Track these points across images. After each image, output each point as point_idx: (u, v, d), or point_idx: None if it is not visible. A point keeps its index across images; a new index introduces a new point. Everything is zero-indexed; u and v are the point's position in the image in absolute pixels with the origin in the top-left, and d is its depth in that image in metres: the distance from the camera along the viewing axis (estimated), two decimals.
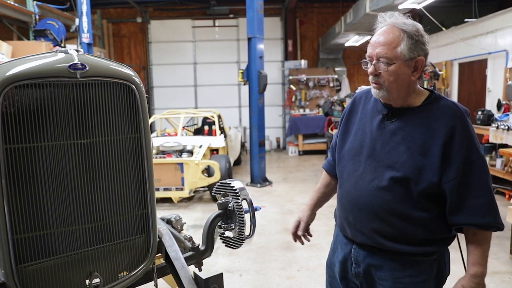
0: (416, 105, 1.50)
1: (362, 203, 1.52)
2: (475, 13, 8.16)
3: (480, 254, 1.45)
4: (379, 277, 1.54)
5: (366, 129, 1.58)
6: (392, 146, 1.48)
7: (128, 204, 1.51)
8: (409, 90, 1.48)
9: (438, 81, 8.48)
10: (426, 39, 1.46)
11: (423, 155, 1.43)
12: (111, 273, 1.50)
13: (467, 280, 1.46)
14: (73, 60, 1.33)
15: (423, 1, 5.84)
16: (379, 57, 1.43)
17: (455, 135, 1.42)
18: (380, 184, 1.47)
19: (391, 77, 1.43)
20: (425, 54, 1.46)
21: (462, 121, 1.46)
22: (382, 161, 1.49)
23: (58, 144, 1.34)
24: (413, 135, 1.46)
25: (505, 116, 6.19)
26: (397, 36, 1.41)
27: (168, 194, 5.97)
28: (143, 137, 1.51)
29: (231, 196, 1.81)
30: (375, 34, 1.48)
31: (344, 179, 1.62)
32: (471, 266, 1.46)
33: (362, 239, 1.55)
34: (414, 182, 1.43)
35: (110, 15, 11.95)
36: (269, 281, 3.63)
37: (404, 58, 1.41)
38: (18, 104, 1.26)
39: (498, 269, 3.78)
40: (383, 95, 1.49)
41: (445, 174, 1.42)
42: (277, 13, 11.98)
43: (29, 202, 1.32)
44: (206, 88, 12.13)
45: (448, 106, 1.49)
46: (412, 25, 1.43)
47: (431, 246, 1.50)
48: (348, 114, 1.70)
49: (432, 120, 1.45)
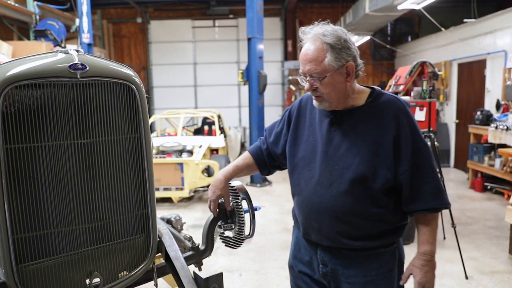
0: (359, 104, 1.55)
1: (324, 208, 1.54)
2: (474, 13, 8.17)
3: (430, 233, 1.52)
4: (348, 275, 1.58)
5: (316, 134, 1.60)
6: (345, 148, 1.51)
7: (128, 204, 1.52)
8: (348, 94, 1.53)
9: (437, 82, 8.49)
10: (349, 42, 1.48)
11: (375, 153, 1.48)
12: (111, 272, 1.50)
13: (418, 258, 1.51)
14: (73, 60, 1.33)
15: (423, 2, 5.84)
16: (310, 73, 1.47)
17: (401, 128, 1.48)
18: (340, 188, 1.50)
19: (328, 89, 1.48)
20: (353, 57, 1.49)
21: (406, 113, 1.52)
22: (337, 164, 1.52)
23: (58, 144, 1.34)
24: (363, 135, 1.50)
25: (504, 116, 6.20)
26: (321, 50, 1.44)
27: (168, 194, 5.98)
28: (143, 137, 1.51)
29: (231, 196, 1.82)
30: (301, 50, 1.51)
31: (302, 187, 1.62)
32: (421, 245, 1.53)
33: (328, 243, 1.59)
34: (372, 180, 1.47)
35: (110, 16, 11.95)
36: (269, 281, 3.63)
37: (333, 68, 1.45)
38: (18, 104, 1.27)
39: (497, 268, 3.79)
40: (325, 105, 1.53)
41: (398, 167, 1.48)
42: (277, 13, 11.98)
43: (29, 202, 1.32)
44: (206, 88, 12.13)
45: (391, 101, 1.54)
46: (332, 34, 1.45)
47: (391, 236, 1.57)
48: (296, 120, 1.71)
49: (378, 117, 1.51)
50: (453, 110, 8.57)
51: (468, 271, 3.65)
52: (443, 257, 4.05)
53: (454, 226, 3.83)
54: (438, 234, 4.54)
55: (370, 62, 12.20)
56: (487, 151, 6.47)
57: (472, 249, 4.23)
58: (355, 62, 1.49)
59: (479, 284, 3.50)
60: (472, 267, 3.80)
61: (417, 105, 4.81)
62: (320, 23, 1.51)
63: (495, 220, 5.16)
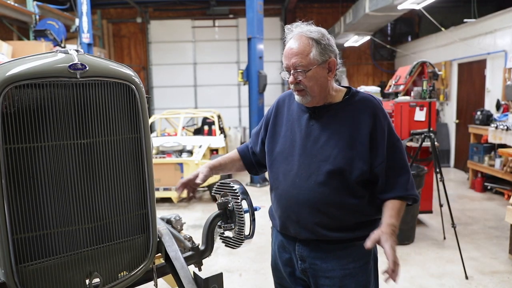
0: (336, 101, 1.63)
1: (302, 200, 1.60)
2: (474, 13, 8.17)
3: (396, 213, 1.56)
4: (325, 269, 1.62)
5: (295, 128, 1.67)
6: (323, 141, 1.59)
7: (128, 204, 1.52)
8: (328, 89, 1.61)
9: (437, 82, 8.49)
10: (332, 41, 1.58)
11: (352, 146, 1.55)
12: (111, 273, 1.50)
13: (386, 227, 1.52)
14: (73, 60, 1.33)
15: (423, 2, 5.84)
16: (295, 66, 1.54)
17: (377, 123, 1.57)
18: (318, 179, 1.57)
19: (311, 82, 1.55)
20: (335, 55, 1.58)
21: (380, 109, 1.61)
22: (315, 156, 1.59)
23: (58, 144, 1.34)
24: (340, 129, 1.58)
25: (504, 116, 6.20)
26: (307, 44, 1.53)
27: (168, 194, 5.98)
28: (143, 137, 1.51)
29: (231, 196, 1.81)
30: (286, 45, 1.59)
31: (281, 180, 1.68)
32: (389, 218, 1.54)
33: (306, 235, 1.62)
34: (348, 172, 1.54)
35: (110, 15, 11.95)
36: (269, 281, 3.63)
37: (317, 62, 1.53)
38: (18, 104, 1.27)
39: (497, 268, 3.79)
40: (307, 100, 1.59)
41: (374, 160, 1.56)
42: (277, 13, 11.99)
43: (29, 202, 1.32)
44: (206, 88, 12.13)
45: (366, 98, 1.63)
46: (317, 32, 1.55)
47: (366, 228, 1.60)
48: (274, 118, 1.78)
49: (355, 113, 1.59)
50: (453, 110, 8.57)
51: (468, 271, 3.65)
52: (443, 257, 4.05)
53: (454, 226, 3.83)
54: (439, 234, 4.57)
55: (370, 62, 12.21)
56: (487, 151, 6.47)
57: (472, 249, 4.23)
58: (336, 60, 1.59)
59: (479, 284, 3.50)
60: (472, 267, 3.80)
61: (417, 105, 4.82)
62: (304, 23, 1.60)
63: (495, 220, 5.16)
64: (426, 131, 4.24)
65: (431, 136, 4.17)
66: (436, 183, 4.18)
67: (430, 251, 4.23)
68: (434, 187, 4.64)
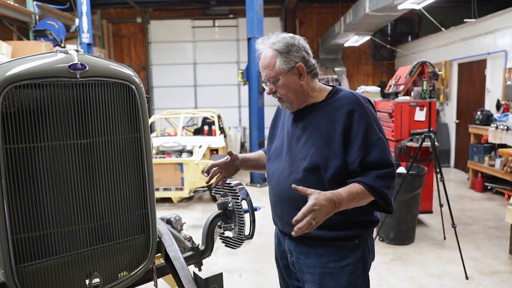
0: (319, 100, 1.68)
1: (283, 196, 1.66)
2: (474, 13, 8.16)
3: (348, 192, 1.47)
4: (308, 264, 1.66)
5: (285, 129, 1.76)
6: (304, 140, 1.64)
7: (127, 204, 1.52)
8: (305, 92, 1.65)
9: (437, 82, 8.49)
10: (299, 46, 1.62)
11: (328, 145, 1.58)
12: (111, 273, 1.50)
13: (328, 192, 1.44)
14: (73, 60, 1.33)
15: (423, 1, 5.84)
16: (268, 78, 1.65)
17: (353, 120, 1.56)
18: (296, 177, 1.62)
19: (283, 90, 1.63)
20: (302, 58, 1.62)
21: (360, 106, 1.59)
22: (297, 155, 1.64)
23: (58, 144, 1.34)
24: (318, 128, 1.62)
25: (504, 116, 6.19)
26: (272, 56, 1.62)
27: (167, 194, 5.97)
28: (143, 137, 1.51)
29: (231, 196, 1.82)
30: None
31: (270, 177, 1.77)
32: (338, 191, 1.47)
33: (290, 230, 1.59)
34: (324, 170, 1.57)
35: (110, 15, 11.94)
36: (269, 281, 3.63)
37: (284, 71, 1.60)
38: (18, 104, 1.27)
39: (497, 269, 3.79)
40: (287, 105, 1.68)
41: (348, 157, 1.55)
42: (277, 13, 11.98)
43: (29, 202, 1.32)
44: (205, 88, 12.13)
45: (346, 95, 1.64)
46: (280, 42, 1.61)
47: (351, 229, 1.62)
48: (274, 120, 1.89)
49: (333, 111, 1.61)
50: (453, 110, 8.57)
51: (469, 271, 3.65)
52: (444, 257, 4.05)
53: (454, 226, 3.83)
54: (439, 234, 4.57)
55: (370, 62, 12.20)
56: (487, 151, 6.47)
57: (473, 249, 4.23)
58: (306, 63, 1.63)
59: (479, 285, 3.50)
60: (472, 267, 3.80)
61: (417, 105, 4.82)
62: (274, 34, 1.67)
63: (496, 220, 5.16)
64: (426, 131, 4.24)
65: (431, 136, 4.17)
66: (436, 183, 4.18)
67: (430, 251, 4.23)
68: (434, 187, 4.63)
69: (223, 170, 1.81)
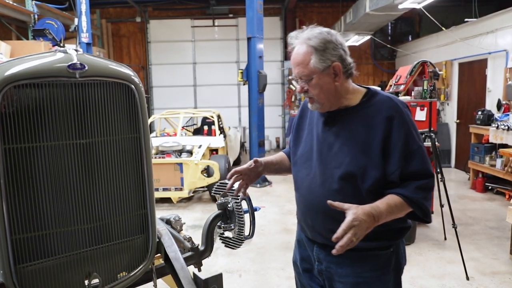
0: (353, 104, 1.56)
1: (316, 206, 1.57)
2: (475, 13, 8.16)
3: (386, 204, 1.42)
4: (340, 274, 1.58)
5: (313, 133, 1.64)
6: (337, 148, 1.54)
7: (127, 204, 1.51)
8: (338, 94, 1.55)
9: (438, 81, 8.48)
10: (335, 43, 1.51)
11: (365, 153, 1.48)
12: (110, 273, 1.50)
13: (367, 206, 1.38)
14: (72, 60, 1.32)
15: (423, 1, 5.83)
16: (299, 76, 1.53)
17: (393, 128, 1.47)
18: (331, 186, 1.53)
19: (316, 90, 1.52)
20: (339, 57, 1.51)
21: (399, 113, 1.50)
22: (330, 163, 1.54)
23: (57, 144, 1.33)
24: (354, 134, 1.51)
25: (505, 116, 6.19)
26: (306, 53, 1.49)
27: (167, 194, 5.97)
28: (142, 137, 1.51)
29: (231, 196, 1.81)
30: (291, 55, 1.56)
31: (299, 184, 1.67)
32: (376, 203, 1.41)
33: (322, 240, 1.59)
34: (361, 181, 1.48)
35: (109, 15, 11.93)
36: (269, 281, 3.62)
37: (319, 70, 1.49)
38: (17, 104, 1.26)
39: (498, 269, 3.78)
40: (317, 106, 1.57)
41: (387, 167, 1.47)
42: (277, 12, 11.97)
43: (28, 202, 1.31)
44: (205, 88, 12.12)
45: (384, 100, 1.53)
46: (316, 37, 1.49)
47: (386, 238, 1.54)
48: (298, 120, 1.77)
49: (370, 117, 1.51)
50: (454, 110, 8.56)
51: (469, 272, 3.64)
52: (444, 258, 4.04)
53: (455, 227, 3.82)
54: (439, 235, 4.56)
55: (370, 62, 12.19)
56: (488, 151, 6.46)
57: (473, 250, 4.22)
58: (343, 62, 1.52)
59: (480, 285, 3.49)
60: (473, 267, 3.79)
61: (418, 105, 4.81)
62: (309, 27, 1.55)
63: (496, 220, 5.15)
64: (426, 131, 4.23)
65: (432, 136, 4.16)
66: (437, 183, 4.17)
67: (431, 251, 4.22)
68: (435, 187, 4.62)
69: (245, 176, 1.73)
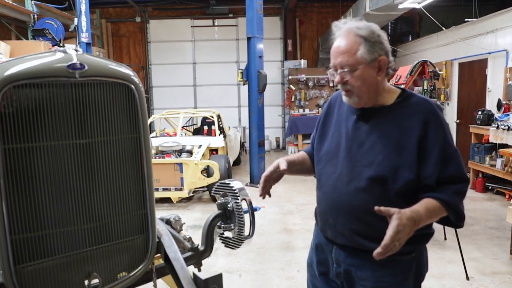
0: (388, 103, 1.52)
1: (341, 205, 1.52)
2: (475, 12, 8.16)
3: (425, 209, 1.39)
4: (360, 277, 1.54)
5: (341, 130, 1.59)
6: (368, 146, 1.49)
7: (127, 204, 1.51)
8: (378, 90, 1.50)
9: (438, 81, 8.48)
10: (383, 38, 1.47)
11: (398, 154, 1.44)
12: (110, 273, 1.49)
13: (407, 210, 1.36)
14: (72, 59, 1.32)
15: (423, 1, 5.83)
16: (342, 65, 1.46)
17: (429, 130, 1.43)
18: (359, 185, 1.48)
19: (358, 82, 1.45)
20: (386, 53, 1.47)
21: (436, 116, 1.47)
22: (359, 161, 1.49)
23: (56, 144, 1.33)
24: (388, 134, 1.47)
25: (505, 116, 6.18)
26: (354, 42, 1.43)
27: (167, 194, 5.97)
28: (142, 137, 1.50)
29: (231, 196, 1.81)
30: (333, 44, 1.50)
31: (323, 181, 1.63)
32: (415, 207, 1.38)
33: (343, 240, 1.56)
34: (392, 181, 1.43)
35: (109, 15, 11.93)
36: (269, 282, 3.62)
37: (366, 61, 1.43)
38: (16, 104, 1.26)
39: (498, 269, 3.78)
40: (354, 101, 1.50)
41: (423, 170, 1.42)
42: (277, 12, 11.97)
43: (27, 202, 1.31)
44: (205, 88, 12.12)
45: (420, 102, 1.50)
46: (366, 28, 1.44)
47: (409, 244, 1.45)
48: (324, 117, 1.72)
49: (405, 117, 1.47)
50: (454, 110, 8.56)
51: (469, 272, 3.64)
52: (444, 258, 4.04)
53: None
54: (439, 235, 4.55)
55: None
56: (488, 151, 6.46)
57: (473, 250, 4.22)
58: (388, 58, 1.47)
59: (480, 285, 3.49)
60: (473, 267, 3.79)
61: None
62: (353, 19, 1.50)
63: (496, 220, 5.15)
64: None
65: None
66: None
67: (431, 251, 4.20)
68: None
69: (272, 180, 1.73)
